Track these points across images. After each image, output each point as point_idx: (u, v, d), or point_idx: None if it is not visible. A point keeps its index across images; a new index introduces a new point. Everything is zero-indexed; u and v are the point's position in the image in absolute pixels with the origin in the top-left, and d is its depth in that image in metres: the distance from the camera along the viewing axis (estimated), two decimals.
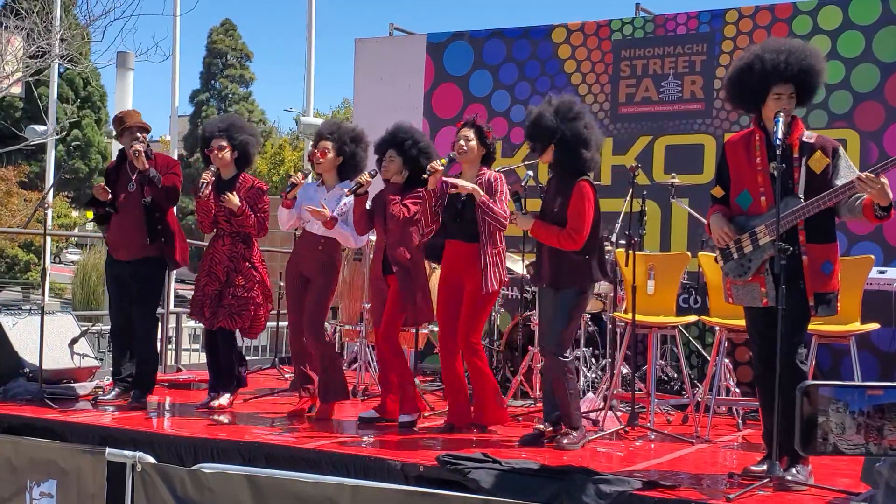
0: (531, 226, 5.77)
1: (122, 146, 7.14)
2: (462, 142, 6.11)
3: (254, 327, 6.86)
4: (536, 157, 5.96)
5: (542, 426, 5.82)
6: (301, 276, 6.60)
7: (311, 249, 6.56)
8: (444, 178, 6.14)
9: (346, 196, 6.44)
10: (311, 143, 7.14)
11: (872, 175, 4.57)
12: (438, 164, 6.05)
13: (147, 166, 6.83)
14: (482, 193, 5.94)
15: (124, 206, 6.95)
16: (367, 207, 6.42)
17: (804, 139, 4.87)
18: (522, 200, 5.91)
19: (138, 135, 6.96)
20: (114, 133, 7.41)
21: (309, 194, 6.59)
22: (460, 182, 5.98)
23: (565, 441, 5.63)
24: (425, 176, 6.05)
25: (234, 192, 6.65)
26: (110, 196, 6.94)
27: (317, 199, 6.56)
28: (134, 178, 6.93)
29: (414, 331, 7.26)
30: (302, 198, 6.56)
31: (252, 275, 6.78)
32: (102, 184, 7.01)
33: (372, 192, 6.48)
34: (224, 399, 6.77)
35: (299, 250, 6.67)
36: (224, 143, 6.77)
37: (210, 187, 6.65)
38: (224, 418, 6.41)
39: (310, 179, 6.83)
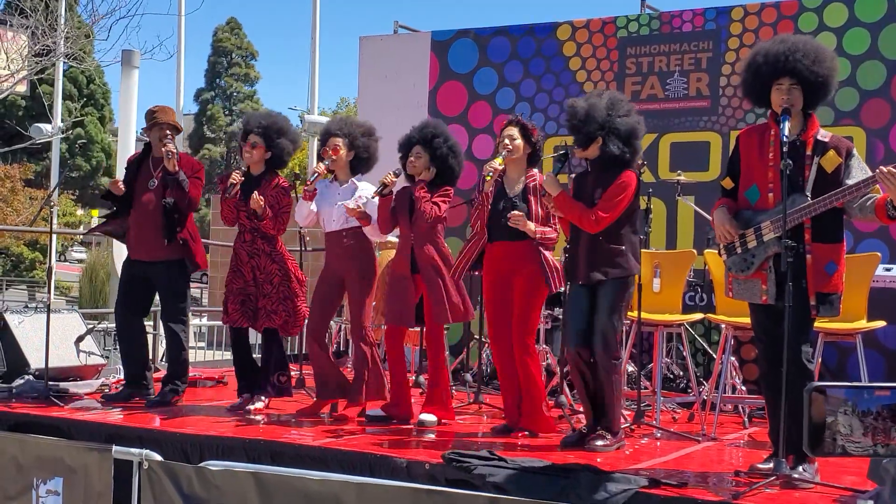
0: (557, 193, 5.57)
1: (147, 140, 7.03)
2: (507, 141, 5.97)
3: (290, 323, 6.71)
4: (576, 150, 5.69)
5: (584, 428, 5.68)
6: (334, 277, 6.52)
7: (338, 245, 6.51)
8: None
9: (372, 197, 6.36)
10: (316, 140, 7.11)
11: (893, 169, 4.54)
12: (497, 164, 5.90)
13: (177, 169, 6.74)
14: (534, 229, 5.83)
15: (144, 204, 6.85)
16: (392, 207, 6.36)
17: (819, 137, 4.85)
18: (563, 164, 5.69)
19: (168, 132, 6.85)
20: (119, 130, 7.36)
21: (321, 190, 6.56)
22: (521, 222, 5.81)
23: (599, 444, 5.47)
24: (487, 178, 5.87)
25: (260, 193, 6.56)
26: (124, 191, 6.85)
27: (329, 194, 6.55)
28: (157, 174, 6.84)
29: (419, 329, 7.28)
30: (317, 195, 6.54)
31: (279, 269, 6.66)
32: (119, 180, 6.88)
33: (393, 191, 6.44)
34: (259, 403, 6.69)
35: (329, 251, 6.60)
36: (258, 141, 6.68)
37: (237, 187, 6.56)
38: (260, 418, 6.38)
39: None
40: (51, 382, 6.85)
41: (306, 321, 6.70)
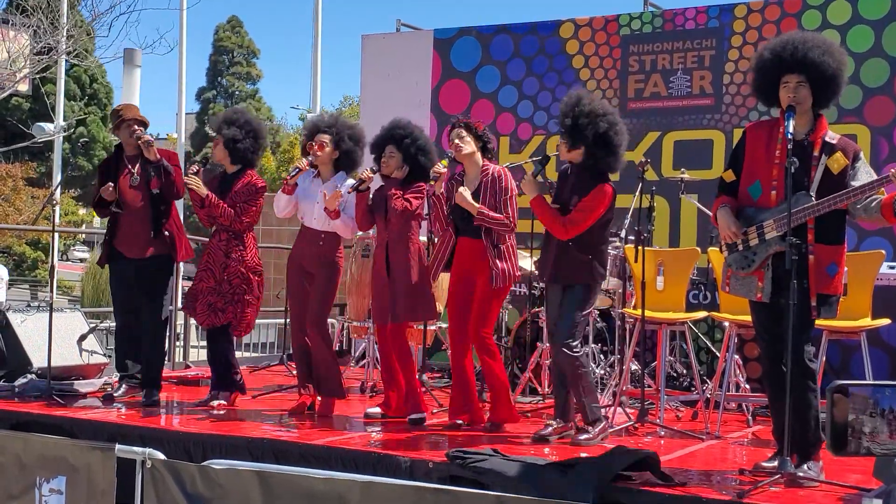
0: (533, 196, 5.75)
1: (121, 140, 7.03)
2: (457, 141, 6.10)
3: (239, 325, 6.79)
4: (562, 150, 5.84)
5: (553, 423, 5.82)
6: (303, 271, 6.57)
7: (312, 244, 6.54)
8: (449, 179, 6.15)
9: (349, 193, 6.39)
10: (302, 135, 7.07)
11: None
12: (441, 168, 6.08)
13: (158, 157, 6.76)
14: (476, 206, 5.94)
15: (131, 202, 6.86)
16: (369, 204, 6.40)
17: (827, 138, 4.84)
18: (544, 167, 5.87)
19: (136, 128, 6.85)
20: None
21: (304, 186, 6.57)
22: (464, 200, 5.95)
23: (581, 437, 5.61)
24: (431, 182, 6.08)
25: (233, 190, 6.68)
26: (115, 195, 6.86)
27: (311, 190, 6.56)
28: (137, 171, 6.84)
29: (422, 327, 7.28)
30: (298, 189, 6.54)
31: (242, 271, 6.72)
32: (111, 186, 6.85)
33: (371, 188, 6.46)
34: (223, 398, 6.77)
35: (300, 245, 6.63)
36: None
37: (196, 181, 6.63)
38: (219, 413, 6.45)
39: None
40: (53, 381, 6.85)
41: (288, 317, 6.83)
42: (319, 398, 6.59)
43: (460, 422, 6.15)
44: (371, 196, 6.43)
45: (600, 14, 9.51)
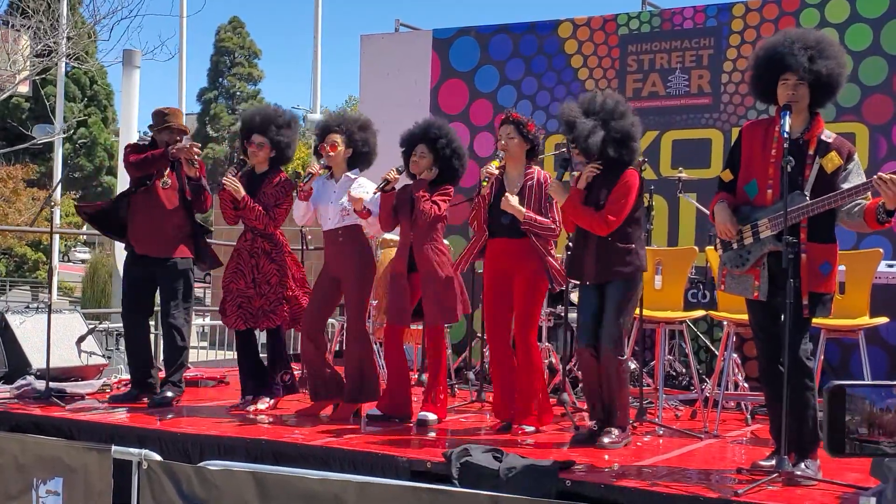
0: (565, 199, 5.59)
1: (164, 141, 6.82)
2: (504, 140, 5.98)
3: (293, 319, 6.69)
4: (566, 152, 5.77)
5: (593, 426, 5.69)
6: (330, 278, 6.46)
7: (333, 244, 6.47)
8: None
9: (374, 193, 6.30)
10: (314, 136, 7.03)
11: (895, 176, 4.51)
12: (493, 168, 5.98)
13: (200, 175, 6.75)
14: (523, 211, 5.85)
15: (157, 201, 6.77)
16: (394, 204, 6.33)
17: (822, 137, 4.82)
18: (566, 169, 5.71)
19: (179, 137, 6.78)
20: (120, 130, 7.30)
21: (318, 188, 6.52)
22: (511, 206, 5.86)
23: (606, 440, 5.49)
24: (484, 183, 5.94)
25: (262, 191, 6.60)
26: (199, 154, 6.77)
27: (325, 192, 6.52)
28: (168, 173, 6.74)
29: (421, 328, 7.26)
30: (314, 193, 6.50)
31: (277, 268, 6.64)
32: (190, 145, 6.70)
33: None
34: (262, 404, 6.65)
35: (327, 251, 6.54)
36: (262, 140, 6.66)
37: (235, 183, 6.54)
38: (263, 418, 6.37)
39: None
40: (52, 383, 6.84)
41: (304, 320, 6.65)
42: (343, 403, 6.50)
43: (532, 428, 5.99)
44: (396, 195, 6.34)
45: (598, 14, 9.52)
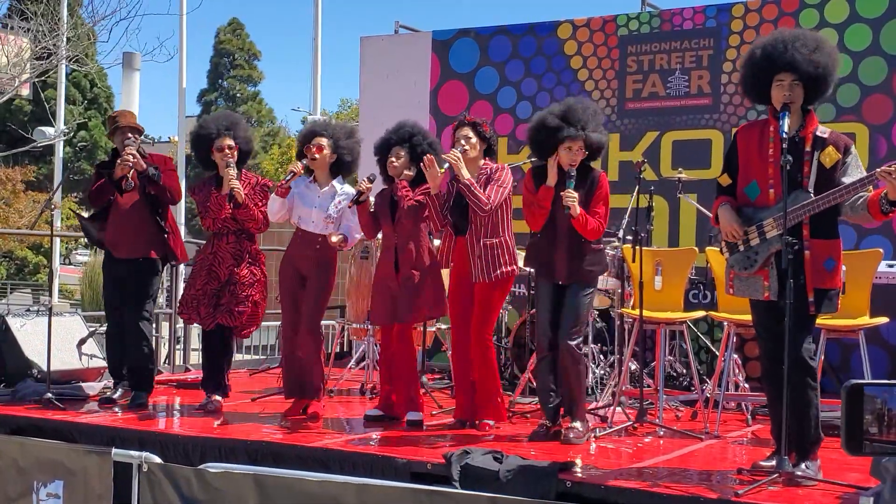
0: (579, 212, 5.64)
1: (115, 146, 7.03)
2: (462, 141, 6.06)
3: (248, 326, 6.80)
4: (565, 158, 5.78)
5: (547, 423, 5.85)
6: (297, 275, 6.54)
7: (308, 247, 6.51)
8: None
9: (348, 206, 6.40)
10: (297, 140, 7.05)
11: None
12: (455, 154, 6.05)
13: (144, 166, 6.75)
14: (466, 175, 5.90)
15: (122, 204, 6.85)
16: (371, 211, 6.38)
17: (818, 133, 4.84)
18: (572, 179, 5.71)
19: (129, 135, 6.85)
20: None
21: (300, 190, 6.55)
22: (459, 169, 5.91)
23: (571, 435, 5.65)
24: (441, 171, 5.99)
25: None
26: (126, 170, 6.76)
27: (309, 195, 6.55)
28: (132, 175, 6.76)
29: (421, 328, 7.27)
30: (293, 192, 6.53)
31: (252, 273, 6.74)
32: (131, 158, 6.74)
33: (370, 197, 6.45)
34: (216, 401, 6.75)
35: (295, 248, 6.60)
36: (230, 142, 6.72)
37: (237, 183, 6.59)
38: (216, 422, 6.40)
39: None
40: (53, 385, 6.84)
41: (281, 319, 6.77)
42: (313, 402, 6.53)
43: (491, 423, 6.11)
44: (374, 202, 6.40)
45: (598, 15, 9.52)
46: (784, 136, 4.66)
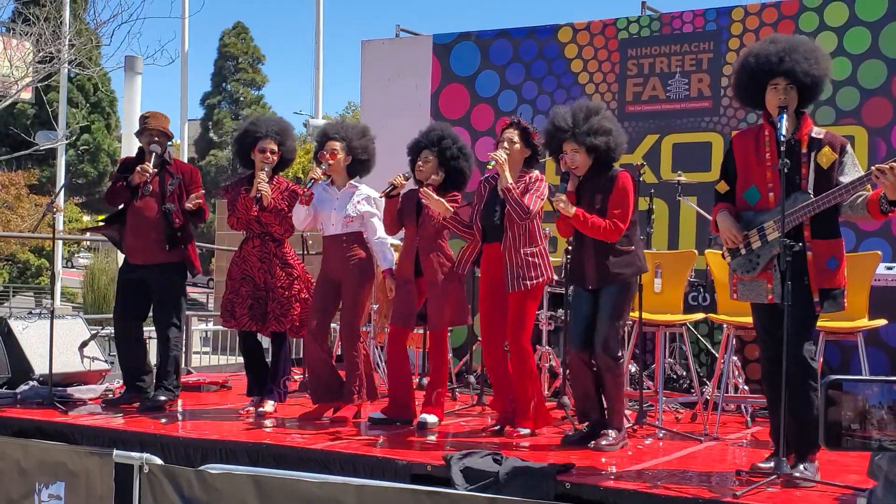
0: (573, 211, 5.56)
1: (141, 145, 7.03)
2: (506, 143, 5.97)
3: (301, 325, 6.71)
4: (570, 161, 5.71)
5: (584, 428, 5.73)
6: (329, 282, 6.51)
7: (336, 250, 6.51)
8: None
9: (380, 197, 6.38)
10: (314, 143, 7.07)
11: (894, 165, 4.53)
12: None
13: (178, 221, 6.80)
14: (509, 180, 5.82)
15: (140, 209, 6.87)
16: (398, 209, 6.38)
17: (813, 135, 4.86)
18: (569, 181, 5.68)
19: (156, 139, 6.87)
20: (123, 136, 7.37)
21: (318, 195, 6.55)
22: (503, 174, 5.83)
23: (604, 442, 5.52)
24: (489, 166, 5.91)
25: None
26: (149, 176, 6.82)
27: (327, 198, 6.55)
28: (153, 181, 6.81)
29: (422, 332, 7.28)
30: (314, 199, 6.52)
31: (288, 273, 6.71)
32: (147, 164, 6.80)
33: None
34: (269, 406, 6.71)
35: (327, 254, 6.59)
36: (275, 147, 6.73)
37: (267, 186, 6.60)
38: (269, 423, 6.39)
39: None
40: (55, 388, 6.87)
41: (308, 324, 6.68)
42: (341, 407, 6.51)
43: (522, 430, 5.98)
44: (401, 201, 6.39)
45: (598, 18, 9.54)
46: (782, 138, 4.68)
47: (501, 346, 6.07)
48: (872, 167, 4.56)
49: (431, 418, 6.23)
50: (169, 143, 7.06)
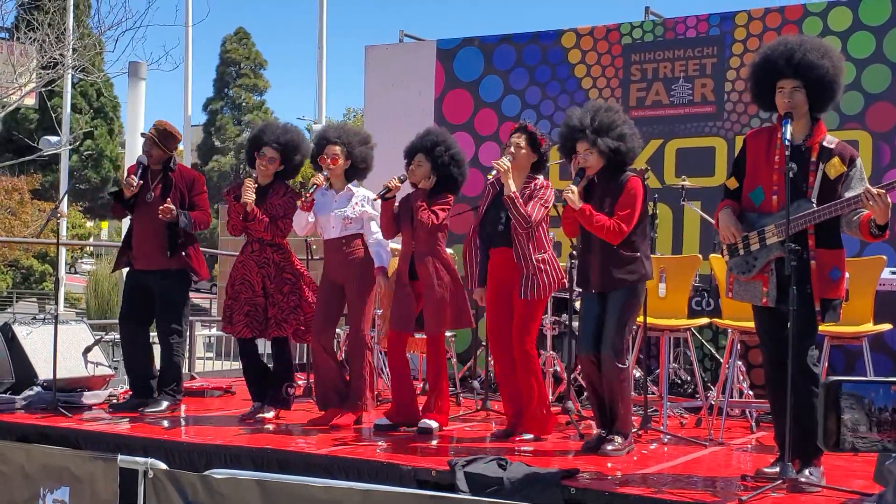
0: (580, 206, 5.54)
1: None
2: (513, 148, 5.97)
3: (304, 330, 6.70)
4: (582, 160, 5.72)
5: (603, 433, 5.70)
6: (333, 287, 6.53)
7: (337, 253, 6.52)
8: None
9: (374, 200, 6.38)
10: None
11: (883, 192, 4.53)
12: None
13: (174, 217, 6.80)
14: (512, 188, 5.83)
15: (142, 215, 6.93)
16: (395, 212, 6.38)
17: (825, 143, 4.84)
18: (582, 178, 5.67)
19: (145, 149, 6.94)
20: (126, 142, 7.41)
21: (318, 198, 6.54)
22: (507, 181, 5.83)
23: (609, 448, 5.52)
24: (490, 175, 5.94)
25: (268, 202, 6.66)
26: (135, 191, 6.86)
27: (326, 202, 6.56)
28: (154, 187, 6.87)
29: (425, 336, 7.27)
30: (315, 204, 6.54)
31: (288, 278, 6.70)
32: (133, 178, 6.86)
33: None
34: (270, 413, 6.70)
35: (328, 258, 6.60)
36: (275, 157, 6.74)
37: (251, 195, 6.60)
38: (270, 427, 6.41)
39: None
40: (59, 393, 6.87)
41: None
42: (345, 413, 6.51)
43: (527, 436, 5.99)
44: (397, 204, 6.40)
45: (602, 23, 9.54)
46: (787, 143, 4.67)
47: (511, 352, 6.05)
48: (862, 189, 4.56)
49: (433, 424, 6.23)
50: (177, 144, 7.12)
